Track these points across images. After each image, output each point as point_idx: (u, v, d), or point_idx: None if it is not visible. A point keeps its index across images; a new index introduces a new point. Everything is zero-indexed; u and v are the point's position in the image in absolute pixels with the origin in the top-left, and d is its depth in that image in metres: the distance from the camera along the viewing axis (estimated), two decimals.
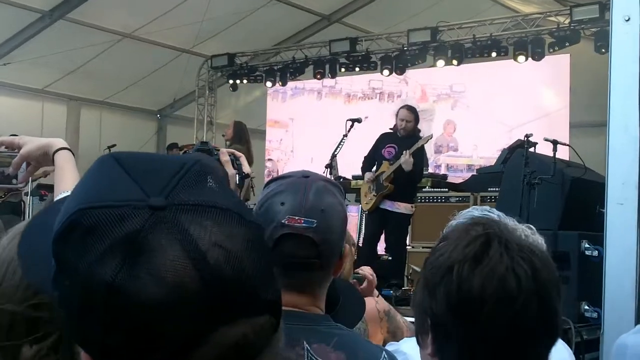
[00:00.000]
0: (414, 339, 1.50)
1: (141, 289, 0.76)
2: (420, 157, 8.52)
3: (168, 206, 0.80)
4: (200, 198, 0.82)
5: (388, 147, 8.51)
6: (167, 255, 0.77)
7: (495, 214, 2.08)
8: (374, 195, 8.38)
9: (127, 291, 0.77)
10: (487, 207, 2.14)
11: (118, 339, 0.79)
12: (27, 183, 2.46)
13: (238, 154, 2.45)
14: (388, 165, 8.39)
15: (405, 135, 8.44)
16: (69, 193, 2.12)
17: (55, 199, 2.14)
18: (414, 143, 8.36)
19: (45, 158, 2.21)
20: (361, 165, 8.75)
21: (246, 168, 2.42)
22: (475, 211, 2.08)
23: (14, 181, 2.33)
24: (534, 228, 1.93)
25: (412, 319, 2.13)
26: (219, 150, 2.40)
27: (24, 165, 2.25)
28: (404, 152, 8.20)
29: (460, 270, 1.29)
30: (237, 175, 2.34)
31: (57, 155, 2.19)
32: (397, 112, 8.63)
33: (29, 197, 11.17)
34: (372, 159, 8.64)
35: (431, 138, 8.72)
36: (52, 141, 2.23)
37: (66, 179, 2.15)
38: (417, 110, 8.78)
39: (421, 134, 8.76)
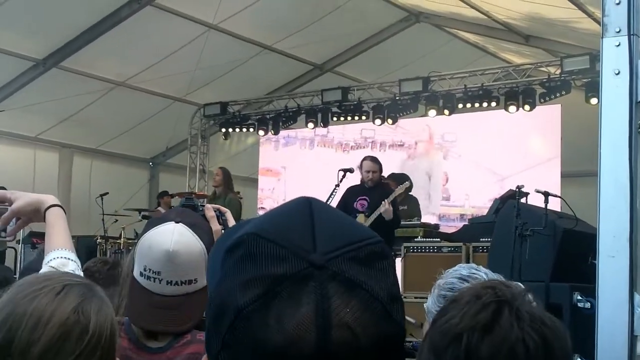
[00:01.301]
0: None
1: (263, 328, 0.81)
2: (395, 205, 8.59)
3: (325, 268, 0.82)
4: (358, 276, 0.84)
5: (360, 200, 8.56)
6: (300, 311, 0.80)
7: (482, 271, 2.07)
8: None
9: (251, 323, 0.81)
10: (474, 265, 2.12)
11: (226, 358, 0.85)
12: (14, 236, 2.45)
13: (224, 209, 2.43)
14: (365, 218, 8.41)
15: (373, 186, 8.51)
16: (60, 252, 2.11)
17: (46, 258, 2.12)
18: (384, 192, 8.44)
19: (37, 214, 2.22)
20: None
21: (232, 223, 2.40)
22: (462, 270, 2.06)
23: (2, 234, 2.33)
24: (522, 286, 1.91)
25: None
26: (204, 206, 2.39)
27: (14, 220, 2.24)
28: (383, 201, 8.23)
29: (470, 338, 1.26)
30: (222, 230, 2.32)
31: (48, 212, 2.19)
32: (361, 164, 8.72)
33: (20, 245, 11.12)
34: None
35: (408, 186, 8.79)
36: (43, 198, 2.24)
37: (57, 236, 2.15)
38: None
39: (385, 181, 8.88)
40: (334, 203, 8.68)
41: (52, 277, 1.55)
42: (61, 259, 2.11)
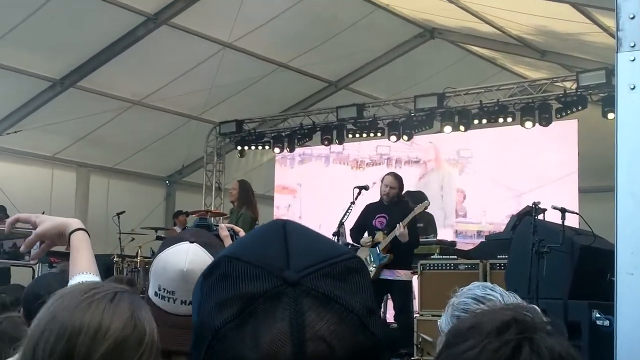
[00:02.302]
0: None
1: (239, 346, 0.82)
2: (414, 224, 8.55)
3: (299, 284, 0.84)
4: (333, 291, 0.84)
5: (379, 217, 8.54)
6: (275, 327, 0.81)
7: (497, 291, 2.04)
8: (374, 267, 8.34)
9: (227, 342, 0.83)
10: (489, 285, 2.10)
11: None
12: (38, 260, 2.47)
13: (237, 229, 2.43)
14: (383, 235, 8.40)
15: (390, 202, 8.49)
16: (85, 276, 2.12)
17: (71, 282, 2.13)
18: (403, 211, 8.42)
19: (61, 238, 2.22)
20: (350, 235, 8.76)
21: None
22: (477, 289, 2.04)
23: (26, 257, 2.35)
24: (538, 309, 1.89)
25: None
26: (217, 225, 2.39)
27: (38, 242, 2.25)
28: (398, 224, 8.21)
29: None
30: None
31: (73, 235, 2.20)
32: (383, 178, 8.73)
33: (38, 264, 11.17)
34: (361, 229, 8.69)
35: (428, 205, 8.73)
36: (68, 221, 2.25)
37: (82, 260, 2.15)
38: (404, 177, 8.86)
39: (404, 199, 8.83)
40: (349, 220, 8.67)
41: (98, 285, 1.57)
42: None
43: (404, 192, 9.00)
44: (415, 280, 9.03)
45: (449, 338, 1.38)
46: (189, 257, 2.10)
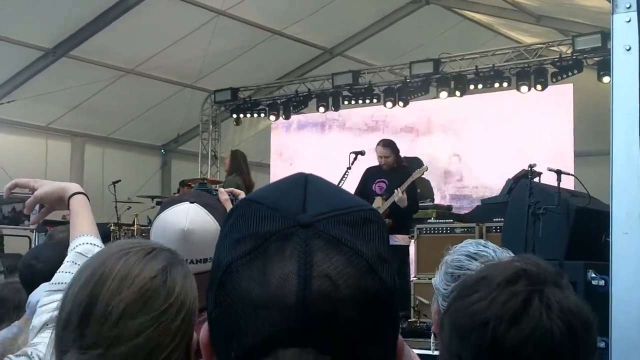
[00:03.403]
0: None
1: (247, 280, 0.84)
2: (413, 189, 8.51)
3: (310, 227, 0.85)
4: (344, 236, 0.86)
5: (378, 182, 8.52)
6: (284, 264, 0.83)
7: (490, 248, 2.06)
8: None
9: (237, 277, 0.85)
10: (482, 241, 2.11)
11: (217, 315, 0.87)
12: (38, 224, 2.47)
13: (237, 192, 2.44)
14: (382, 201, 8.38)
15: (391, 169, 8.46)
16: (87, 237, 2.12)
17: (72, 244, 2.14)
18: (403, 175, 8.39)
19: (60, 202, 2.22)
20: None
21: None
22: (470, 246, 2.05)
23: (26, 222, 2.36)
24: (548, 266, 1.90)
25: (419, 351, 2.09)
26: (217, 190, 2.40)
27: (37, 207, 2.25)
28: (396, 190, 8.18)
29: (497, 327, 1.26)
30: None
31: (72, 199, 2.20)
32: (375, 149, 8.66)
33: (34, 233, 11.19)
34: (361, 194, 8.63)
35: (426, 170, 8.71)
36: (67, 185, 2.25)
37: (82, 223, 2.16)
38: (399, 143, 8.77)
39: (403, 163, 8.79)
40: (346, 185, 8.68)
41: (141, 241, 1.59)
42: (88, 245, 2.12)
43: (401, 155, 8.92)
44: (412, 245, 9.07)
45: (458, 290, 1.38)
46: (189, 216, 2.11)
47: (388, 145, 8.65)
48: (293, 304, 0.81)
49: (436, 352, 2.19)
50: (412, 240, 8.97)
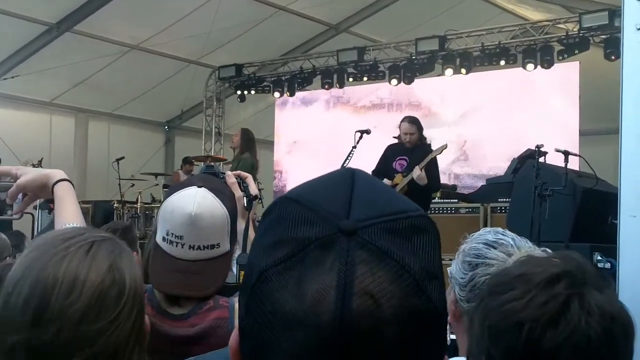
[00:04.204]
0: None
1: (281, 291, 0.77)
2: (434, 167, 8.37)
3: (355, 235, 0.78)
4: (390, 247, 0.79)
5: (399, 159, 8.40)
6: (322, 276, 0.76)
7: (509, 236, 2.02)
8: None
9: (270, 286, 0.78)
10: (500, 230, 2.07)
11: (247, 326, 0.81)
12: (22, 214, 2.41)
13: (244, 175, 2.41)
14: (402, 178, 8.28)
15: (413, 146, 8.35)
16: (70, 224, 2.06)
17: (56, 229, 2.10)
18: (424, 153, 8.25)
19: (43, 190, 2.17)
20: None
21: (253, 189, 2.38)
22: (488, 235, 2.01)
23: (9, 212, 2.31)
24: (549, 250, 1.87)
25: None
26: (224, 173, 2.37)
27: (20, 196, 2.20)
28: (415, 167, 8.07)
29: (532, 330, 1.21)
30: (244, 197, 2.30)
31: (56, 187, 2.15)
32: (400, 125, 8.54)
33: (37, 210, 11.18)
34: (382, 172, 8.52)
35: (445, 148, 8.56)
36: (50, 172, 2.20)
37: (67, 211, 2.11)
38: (420, 120, 8.65)
39: (428, 141, 8.66)
40: (351, 164, 8.61)
41: (74, 235, 1.46)
42: None
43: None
44: None
45: (491, 285, 1.33)
46: (197, 200, 2.08)
47: (414, 122, 8.51)
48: (329, 322, 0.75)
49: (452, 336, 2.17)
50: None
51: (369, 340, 0.75)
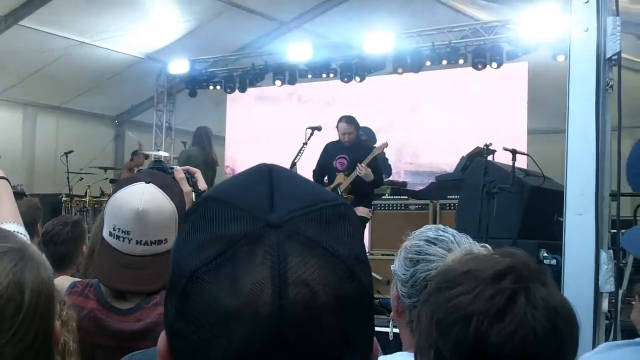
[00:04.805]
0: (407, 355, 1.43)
1: (216, 289, 0.77)
2: (376, 163, 8.48)
3: (282, 227, 0.79)
4: (319, 236, 0.80)
5: (339, 158, 8.48)
6: (255, 270, 0.76)
7: (449, 232, 2.06)
8: None
9: (204, 286, 0.78)
10: (441, 226, 2.10)
11: (182, 328, 0.80)
12: None
13: (193, 170, 2.41)
14: (344, 177, 8.36)
15: (352, 144, 8.44)
16: (8, 225, 2.00)
17: None
18: (363, 151, 8.36)
19: None
20: (312, 178, 8.66)
21: (202, 184, 2.38)
22: (429, 232, 2.05)
23: None
24: (489, 247, 1.90)
25: None
26: (173, 168, 2.37)
27: None
28: (358, 165, 8.16)
29: (480, 323, 1.23)
30: (193, 192, 2.30)
31: None
32: (337, 125, 8.61)
33: None
34: (322, 172, 8.61)
35: (386, 146, 8.68)
36: None
37: (3, 210, 2.06)
38: (356, 119, 8.72)
39: (363, 138, 8.76)
40: (302, 161, 8.64)
41: None
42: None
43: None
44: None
45: (438, 281, 1.35)
46: (144, 197, 2.08)
47: (351, 121, 8.59)
48: (269, 314, 0.75)
49: (395, 330, 2.19)
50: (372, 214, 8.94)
51: (308, 327, 0.76)
